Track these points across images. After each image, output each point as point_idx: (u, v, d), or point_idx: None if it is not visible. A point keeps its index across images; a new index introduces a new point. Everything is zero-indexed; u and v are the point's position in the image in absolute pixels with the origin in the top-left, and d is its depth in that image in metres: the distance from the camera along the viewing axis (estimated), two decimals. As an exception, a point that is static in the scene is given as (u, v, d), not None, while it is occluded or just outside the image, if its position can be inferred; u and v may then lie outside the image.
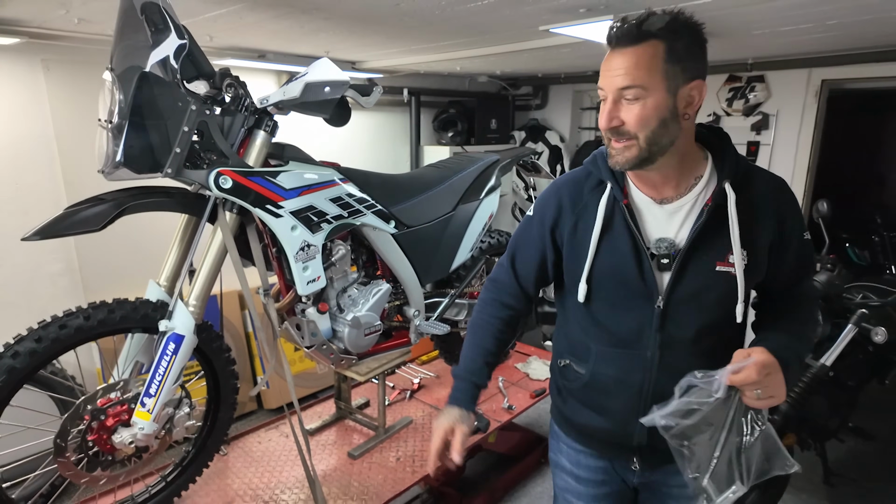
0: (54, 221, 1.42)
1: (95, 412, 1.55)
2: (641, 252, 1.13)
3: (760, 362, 0.98)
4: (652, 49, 1.00)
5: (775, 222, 1.11)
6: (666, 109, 1.02)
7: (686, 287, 1.12)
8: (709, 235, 1.10)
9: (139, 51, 1.45)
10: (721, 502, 1.08)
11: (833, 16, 2.23)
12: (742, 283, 1.09)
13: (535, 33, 2.36)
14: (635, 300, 1.15)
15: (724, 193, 1.09)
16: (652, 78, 1.00)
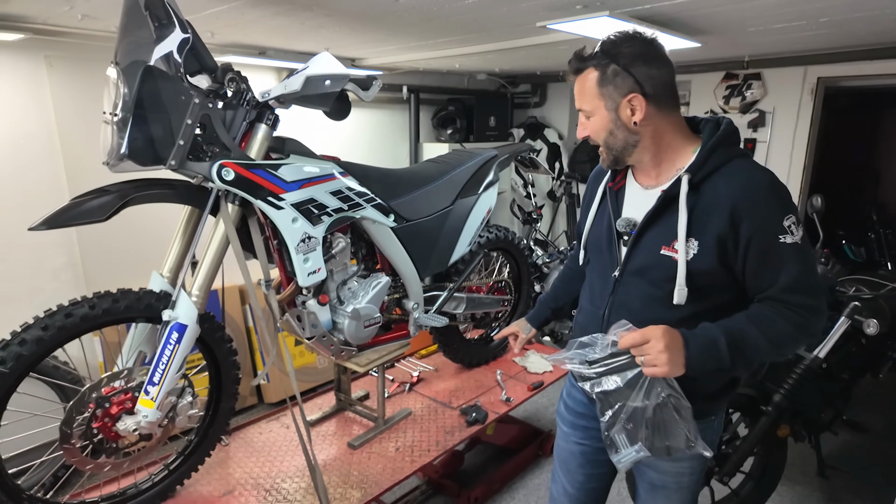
0: (60, 212, 1.45)
1: (100, 400, 1.58)
2: (612, 229, 1.32)
3: (645, 330, 1.11)
4: (590, 75, 1.21)
5: (727, 217, 1.13)
6: (609, 122, 1.22)
7: (635, 262, 1.27)
8: (660, 220, 1.22)
9: (143, 45, 1.48)
10: (622, 457, 1.21)
11: (825, 13, 2.26)
12: (682, 269, 1.17)
13: (532, 30, 2.40)
14: (605, 268, 1.35)
15: (679, 183, 1.18)
16: (592, 101, 1.22)
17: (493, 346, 2.96)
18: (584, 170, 4.75)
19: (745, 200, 1.12)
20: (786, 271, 1.13)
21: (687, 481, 1.42)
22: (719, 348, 1.11)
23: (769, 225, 1.12)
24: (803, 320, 1.14)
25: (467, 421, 2.34)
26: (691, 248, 1.17)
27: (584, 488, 1.57)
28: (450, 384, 2.70)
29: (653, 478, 1.44)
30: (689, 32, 2.47)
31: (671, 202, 1.19)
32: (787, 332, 1.13)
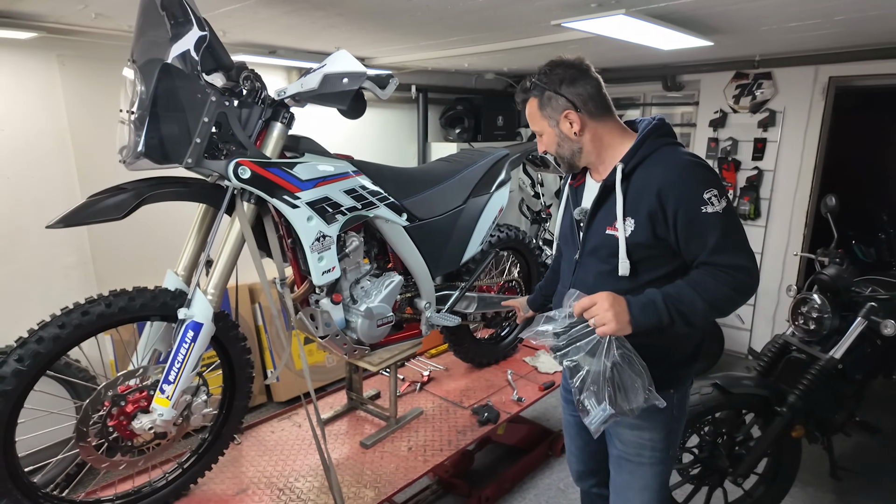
0: (77, 210, 1.45)
1: (116, 398, 1.58)
2: (573, 218, 1.53)
3: (592, 296, 1.29)
4: (533, 101, 1.44)
5: (654, 196, 1.31)
6: (556, 137, 1.44)
7: (589, 243, 1.47)
8: (604, 206, 1.42)
9: (160, 43, 1.48)
10: (592, 419, 1.31)
11: (840, 11, 2.24)
12: (623, 244, 1.35)
13: (546, 28, 2.39)
14: (570, 253, 1.55)
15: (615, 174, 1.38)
16: (539, 123, 1.45)
17: (504, 345, 2.95)
18: (592, 169, 4.72)
19: (667, 181, 1.30)
20: (711, 237, 1.29)
21: (648, 456, 1.51)
22: (657, 306, 1.28)
23: (690, 199, 1.29)
24: (734, 280, 1.29)
25: (479, 421, 2.34)
26: (628, 226, 1.35)
27: (585, 450, 1.78)
28: (460, 383, 2.69)
29: (618, 450, 1.56)
30: (702, 31, 2.46)
31: (611, 189, 1.39)
32: (720, 291, 1.28)
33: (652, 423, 1.48)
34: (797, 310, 2.38)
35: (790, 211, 3.99)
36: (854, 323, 2.22)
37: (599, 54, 3.48)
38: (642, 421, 1.46)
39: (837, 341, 2.25)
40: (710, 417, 2.29)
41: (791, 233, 4.03)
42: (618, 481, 1.60)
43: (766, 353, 2.45)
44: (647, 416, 1.43)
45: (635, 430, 1.49)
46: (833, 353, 2.22)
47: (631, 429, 1.50)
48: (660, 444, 1.50)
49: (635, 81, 4.61)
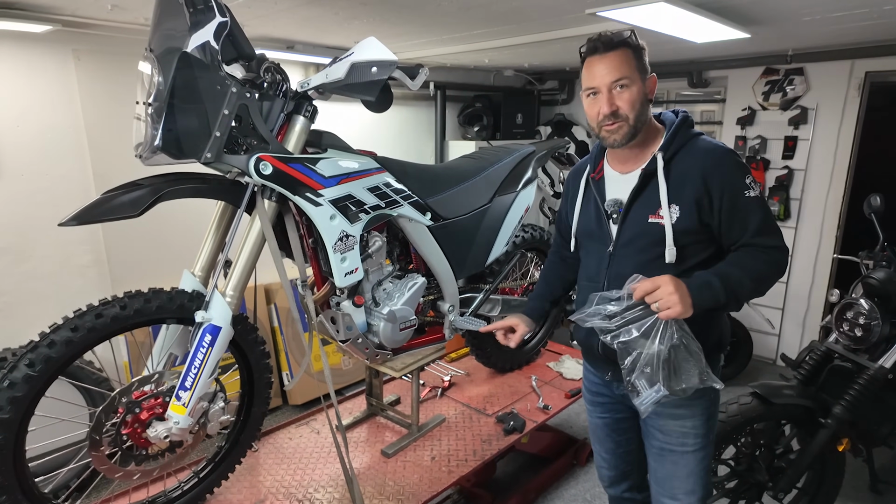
0: (91, 207, 1.38)
1: (130, 405, 1.50)
2: (601, 211, 1.49)
3: (655, 278, 1.25)
4: (625, 52, 1.36)
5: (700, 180, 1.34)
6: (642, 94, 1.37)
7: (626, 234, 1.43)
8: (644, 194, 1.40)
9: (179, 33, 1.40)
10: (643, 400, 1.30)
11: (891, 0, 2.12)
12: (670, 231, 1.35)
13: (578, 19, 2.28)
14: (597, 247, 1.51)
15: (655, 161, 1.38)
16: (632, 71, 1.36)
17: (527, 350, 2.85)
18: (614, 168, 4.61)
19: (711, 166, 1.34)
20: (753, 219, 1.34)
21: (692, 443, 1.49)
22: (713, 286, 1.28)
23: (735, 184, 1.34)
24: (774, 259, 1.34)
25: (505, 429, 2.24)
26: (674, 213, 1.36)
27: (615, 453, 1.73)
28: (483, 389, 2.60)
29: (660, 441, 1.52)
30: (741, 21, 2.34)
31: (650, 178, 1.39)
32: (761, 269, 1.33)
33: (693, 411, 1.47)
34: (842, 315, 2.25)
35: (822, 212, 3.84)
36: (906, 331, 2.09)
37: (626, 49, 3.36)
38: (684, 410, 1.47)
39: (887, 349, 2.12)
40: (749, 428, 2.17)
41: (823, 234, 3.88)
42: (660, 472, 1.56)
43: (807, 361, 2.32)
44: (688, 405, 1.46)
45: (678, 419, 1.48)
46: (883, 362, 2.09)
47: (673, 419, 1.49)
48: (702, 429, 1.49)
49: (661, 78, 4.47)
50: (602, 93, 1.36)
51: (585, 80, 1.40)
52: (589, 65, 1.38)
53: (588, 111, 1.42)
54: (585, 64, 1.40)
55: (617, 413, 1.65)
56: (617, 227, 1.45)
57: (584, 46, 1.41)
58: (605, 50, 1.35)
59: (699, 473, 1.52)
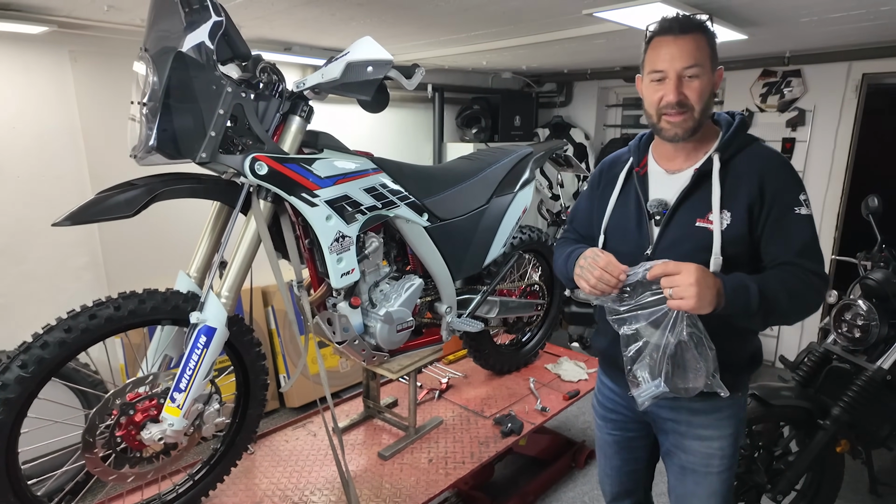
0: (85, 207, 1.37)
1: (124, 407, 1.49)
2: (642, 210, 1.37)
3: (680, 263, 1.16)
4: (701, 38, 1.25)
5: (756, 186, 1.26)
6: (711, 85, 1.27)
7: (668, 238, 1.33)
8: (694, 196, 1.31)
9: (174, 33, 1.39)
10: (642, 392, 1.26)
11: (888, 1, 2.12)
12: (718, 237, 1.25)
13: (574, 20, 2.28)
14: (632, 247, 1.38)
15: (711, 162, 1.29)
16: (705, 59, 1.25)
17: (524, 352, 2.84)
18: (612, 170, 4.61)
19: (770, 170, 1.26)
20: (798, 238, 1.24)
21: (717, 465, 1.41)
22: (750, 292, 1.17)
23: (787, 196, 1.25)
24: (812, 282, 1.23)
25: (502, 432, 2.23)
26: (724, 219, 1.26)
27: (621, 471, 1.65)
28: (481, 391, 2.58)
29: (682, 460, 1.45)
30: (738, 23, 2.35)
31: (703, 179, 1.29)
32: (800, 290, 1.22)
33: (721, 433, 1.40)
34: (840, 316, 2.25)
35: (820, 213, 3.84)
36: (904, 331, 2.09)
37: (624, 50, 3.36)
38: (712, 431, 1.40)
39: (885, 350, 2.12)
40: (747, 430, 2.16)
41: (821, 236, 3.84)
42: (680, 490, 1.50)
43: (805, 363, 2.32)
44: (717, 426, 1.39)
45: (704, 441, 1.41)
46: (881, 363, 2.09)
47: (699, 440, 1.41)
48: (728, 450, 1.42)
49: (657, 80, 4.49)
50: (670, 78, 1.24)
51: (651, 62, 1.27)
52: (657, 45, 1.26)
53: (648, 96, 1.29)
54: (653, 44, 1.27)
55: (629, 431, 1.58)
56: (659, 230, 1.34)
57: (652, 25, 1.29)
58: (681, 32, 1.23)
59: (722, 493, 1.45)
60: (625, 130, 4.96)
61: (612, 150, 4.72)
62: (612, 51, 3.38)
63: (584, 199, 1.60)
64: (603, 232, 1.45)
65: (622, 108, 5.06)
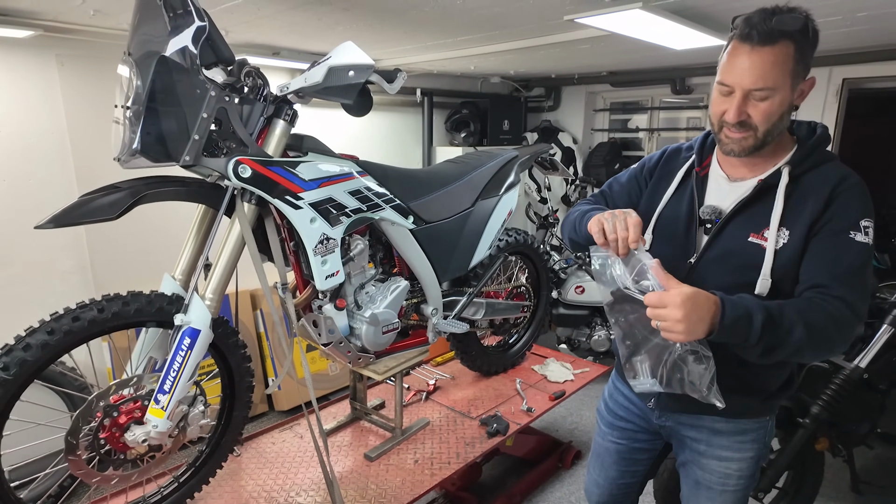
0: (69, 209, 1.38)
1: (108, 409, 1.50)
2: (694, 214, 1.27)
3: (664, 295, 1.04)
4: (785, 50, 1.07)
5: (822, 205, 1.13)
6: (787, 105, 1.12)
7: (717, 249, 1.23)
8: (752, 209, 1.20)
9: (158, 37, 1.41)
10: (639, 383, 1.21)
11: (864, 6, 2.17)
12: (770, 257, 1.14)
13: (557, 25, 2.31)
14: (676, 253, 1.28)
15: (779, 175, 1.17)
16: (783, 79, 1.08)
17: (512, 353, 2.86)
18: (599, 174, 4.66)
19: (841, 189, 1.14)
20: (843, 263, 1.11)
21: (734, 484, 1.37)
22: (753, 325, 1.05)
23: (849, 216, 1.12)
24: (841, 316, 1.07)
25: (488, 432, 2.25)
26: (781, 238, 1.16)
27: (615, 483, 1.61)
28: (468, 393, 2.60)
29: (697, 476, 1.41)
30: (717, 29, 2.39)
31: (767, 192, 1.18)
32: (822, 325, 1.06)
33: (742, 455, 1.35)
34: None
35: (803, 216, 3.90)
36: (880, 330, 2.13)
37: (609, 55, 3.41)
38: (732, 453, 1.34)
39: (862, 349, 2.16)
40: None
41: (805, 238, 3.93)
42: (692, 502, 1.45)
43: (786, 362, 2.36)
44: (738, 448, 1.34)
45: (723, 461, 1.36)
46: (858, 362, 2.13)
47: (718, 460, 1.36)
48: (747, 471, 1.37)
49: (644, 85, 4.55)
50: (736, 95, 1.11)
51: (722, 69, 1.13)
52: (733, 52, 1.10)
53: (713, 106, 1.17)
54: (731, 48, 1.11)
55: (635, 442, 1.52)
56: (708, 239, 1.24)
57: (738, 19, 1.11)
58: (760, 41, 1.06)
59: None
60: (612, 135, 5.01)
61: (599, 154, 4.81)
62: (598, 56, 3.42)
63: (630, 177, 1.47)
64: (651, 230, 1.34)
65: (609, 113, 5.11)
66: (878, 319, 2.16)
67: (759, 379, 1.27)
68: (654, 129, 4.79)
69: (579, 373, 2.80)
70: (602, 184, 1.47)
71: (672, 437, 1.47)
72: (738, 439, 1.34)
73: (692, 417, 1.36)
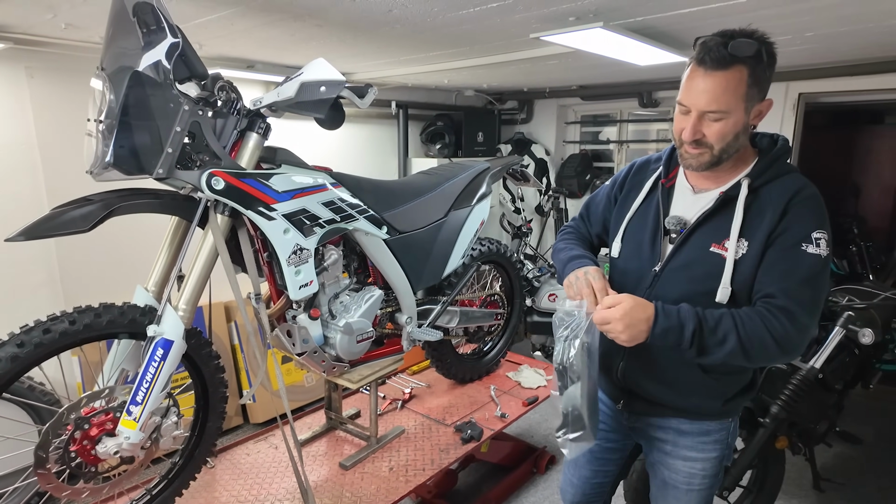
0: (40, 222, 1.38)
1: (79, 421, 1.49)
2: (659, 225, 1.33)
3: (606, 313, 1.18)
4: (738, 75, 1.13)
5: (778, 218, 1.19)
6: (741, 125, 1.18)
7: (680, 259, 1.29)
8: (714, 220, 1.25)
9: (131, 52, 1.43)
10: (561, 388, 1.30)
11: (811, 27, 2.30)
12: (730, 267, 1.21)
13: (524, 42, 2.40)
14: (642, 262, 1.35)
15: (740, 187, 1.23)
16: (735, 102, 1.14)
17: (486, 360, 2.91)
18: (572, 185, 4.77)
19: (796, 201, 1.19)
20: (794, 275, 1.15)
21: (698, 483, 1.43)
22: (684, 334, 1.16)
23: (802, 228, 1.17)
24: (782, 328, 1.14)
25: (462, 438, 2.28)
26: (741, 248, 1.21)
27: (589, 482, 1.66)
28: (443, 400, 2.64)
29: (665, 475, 1.47)
30: (678, 46, 2.50)
31: (728, 203, 1.24)
32: (760, 334, 1.14)
33: (706, 455, 1.41)
34: None
35: (766, 224, 4.05)
36: (833, 332, 2.24)
37: (577, 70, 3.52)
38: (696, 453, 1.41)
39: (817, 351, 2.26)
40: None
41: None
42: (660, 502, 1.52)
43: (748, 364, 2.45)
44: (702, 448, 1.40)
45: (687, 461, 1.42)
46: (813, 363, 2.23)
47: (683, 460, 1.42)
48: (711, 470, 1.43)
49: (612, 98, 4.68)
50: (692, 115, 1.17)
51: (681, 90, 1.20)
52: (691, 74, 1.17)
53: (675, 123, 1.24)
54: (689, 69, 1.18)
55: (607, 442, 1.59)
56: (672, 249, 1.30)
57: (698, 41, 1.16)
58: (714, 67, 1.12)
59: None
60: (583, 146, 5.14)
61: (571, 165, 4.92)
62: (567, 71, 3.53)
63: (603, 195, 1.54)
64: (620, 239, 1.41)
65: (580, 125, 5.24)
66: (831, 322, 2.27)
67: (719, 383, 1.34)
68: (624, 140, 4.93)
69: (552, 378, 2.86)
70: (574, 194, 1.57)
71: (641, 437, 1.53)
72: (702, 440, 1.40)
73: (659, 419, 1.43)
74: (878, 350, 2.54)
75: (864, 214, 5.56)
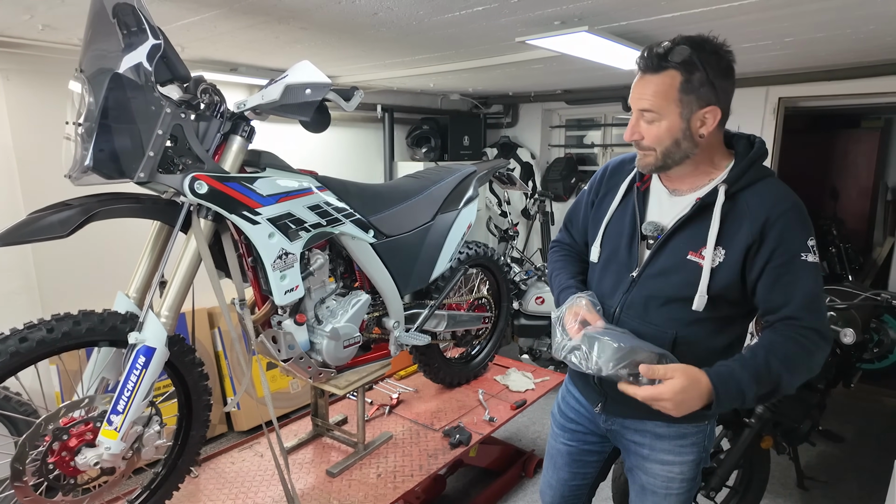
0: (17, 227, 1.35)
1: (58, 432, 1.45)
2: (636, 230, 1.32)
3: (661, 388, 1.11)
4: (669, 79, 1.15)
5: (759, 227, 1.17)
6: (679, 131, 1.18)
7: (658, 264, 1.28)
8: (691, 227, 1.24)
9: (111, 54, 1.40)
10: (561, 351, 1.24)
11: (790, 32, 2.34)
12: (706, 276, 1.20)
13: (510, 46, 2.41)
14: (620, 266, 1.35)
15: (716, 193, 1.21)
16: (667, 105, 1.16)
17: (474, 365, 2.90)
18: (557, 188, 4.80)
19: (777, 213, 1.17)
20: (801, 288, 1.16)
21: (677, 487, 1.43)
22: (746, 395, 1.14)
23: (796, 241, 1.17)
24: (814, 346, 1.16)
25: (451, 443, 2.27)
26: (717, 257, 1.20)
27: (567, 484, 1.64)
28: (431, 405, 2.62)
29: (643, 480, 1.46)
30: (661, 51, 2.53)
31: (705, 210, 1.22)
32: (802, 360, 1.15)
33: (683, 458, 1.40)
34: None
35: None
36: (815, 332, 2.26)
37: (562, 74, 3.54)
38: (674, 457, 1.40)
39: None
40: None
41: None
42: None
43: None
44: (680, 452, 1.39)
45: (665, 465, 1.42)
46: (797, 363, 2.26)
47: (661, 464, 1.42)
48: (689, 474, 1.43)
49: (597, 102, 4.72)
50: (633, 115, 1.22)
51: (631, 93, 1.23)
52: (636, 79, 1.21)
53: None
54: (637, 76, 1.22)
55: (585, 444, 1.59)
56: (649, 255, 1.29)
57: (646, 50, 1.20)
58: (648, 70, 1.17)
59: None
60: (568, 150, 5.17)
61: (557, 169, 4.95)
62: (551, 75, 3.55)
63: (581, 202, 1.54)
64: (599, 244, 1.40)
65: (565, 129, 5.28)
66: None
67: None
68: (608, 144, 4.98)
69: (540, 382, 2.86)
70: (559, 197, 1.57)
71: (618, 441, 1.52)
72: (679, 443, 1.40)
73: (636, 422, 1.42)
74: (859, 349, 2.58)
75: (843, 216, 5.67)
